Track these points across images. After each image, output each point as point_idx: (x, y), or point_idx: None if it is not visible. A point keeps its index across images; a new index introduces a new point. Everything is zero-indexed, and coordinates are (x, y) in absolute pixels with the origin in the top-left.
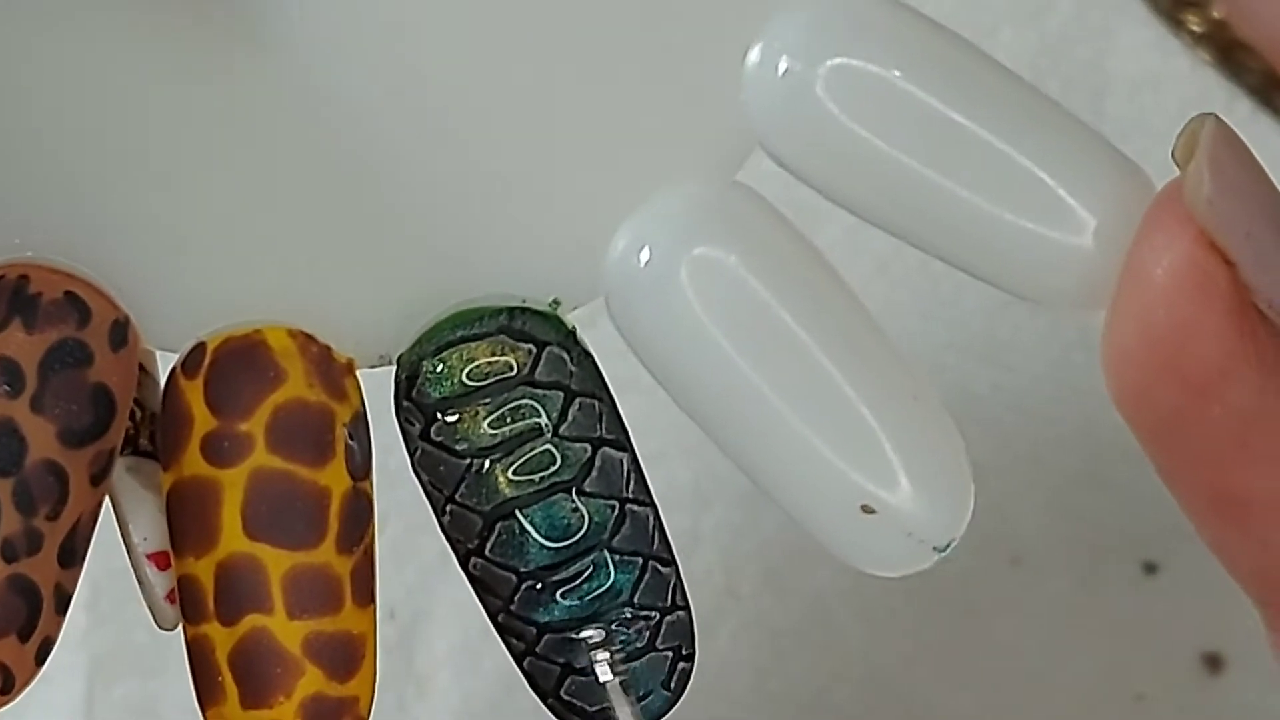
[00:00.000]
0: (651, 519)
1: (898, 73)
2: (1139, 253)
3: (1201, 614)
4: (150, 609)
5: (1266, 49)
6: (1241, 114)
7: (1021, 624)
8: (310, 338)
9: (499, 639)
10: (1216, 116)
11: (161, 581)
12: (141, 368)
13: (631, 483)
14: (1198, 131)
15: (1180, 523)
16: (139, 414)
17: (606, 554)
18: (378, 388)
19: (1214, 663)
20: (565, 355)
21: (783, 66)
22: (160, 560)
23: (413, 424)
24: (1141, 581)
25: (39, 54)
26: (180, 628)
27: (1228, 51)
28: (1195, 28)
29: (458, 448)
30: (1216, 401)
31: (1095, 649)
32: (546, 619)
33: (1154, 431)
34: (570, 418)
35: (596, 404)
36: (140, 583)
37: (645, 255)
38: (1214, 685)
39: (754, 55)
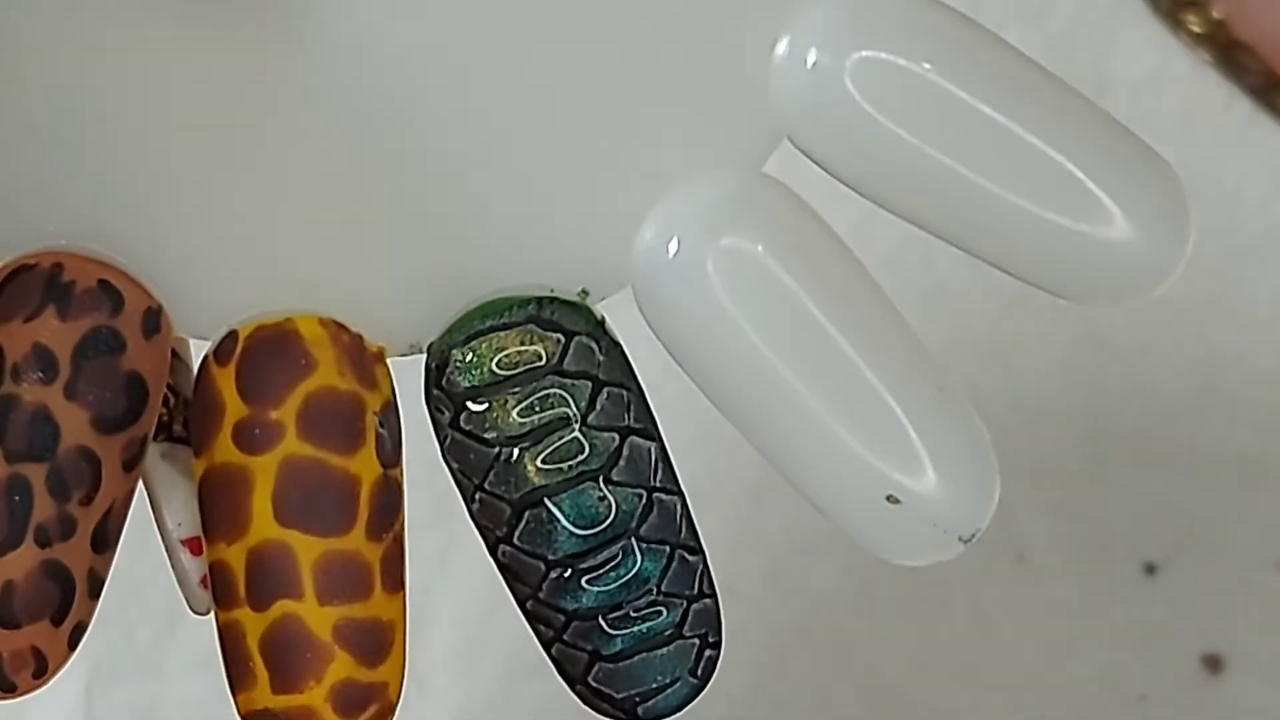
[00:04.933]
0: (679, 507)
1: (927, 65)
2: None
3: (1202, 615)
4: (184, 594)
5: (1265, 49)
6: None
7: (1024, 624)
8: (341, 326)
9: (527, 626)
10: None
11: (195, 567)
12: (175, 354)
13: (659, 472)
14: None
15: (1180, 524)
16: (172, 400)
17: (634, 542)
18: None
19: (1214, 663)
20: (594, 345)
21: (811, 58)
22: (194, 546)
23: (442, 412)
24: (1142, 583)
25: (73, 44)
26: (212, 613)
27: (1227, 51)
28: (1195, 28)
29: (487, 436)
30: None
31: (1097, 649)
32: (574, 606)
33: None
34: (599, 407)
35: (625, 393)
36: (174, 568)
37: (673, 245)
38: (1214, 686)
39: (782, 47)
